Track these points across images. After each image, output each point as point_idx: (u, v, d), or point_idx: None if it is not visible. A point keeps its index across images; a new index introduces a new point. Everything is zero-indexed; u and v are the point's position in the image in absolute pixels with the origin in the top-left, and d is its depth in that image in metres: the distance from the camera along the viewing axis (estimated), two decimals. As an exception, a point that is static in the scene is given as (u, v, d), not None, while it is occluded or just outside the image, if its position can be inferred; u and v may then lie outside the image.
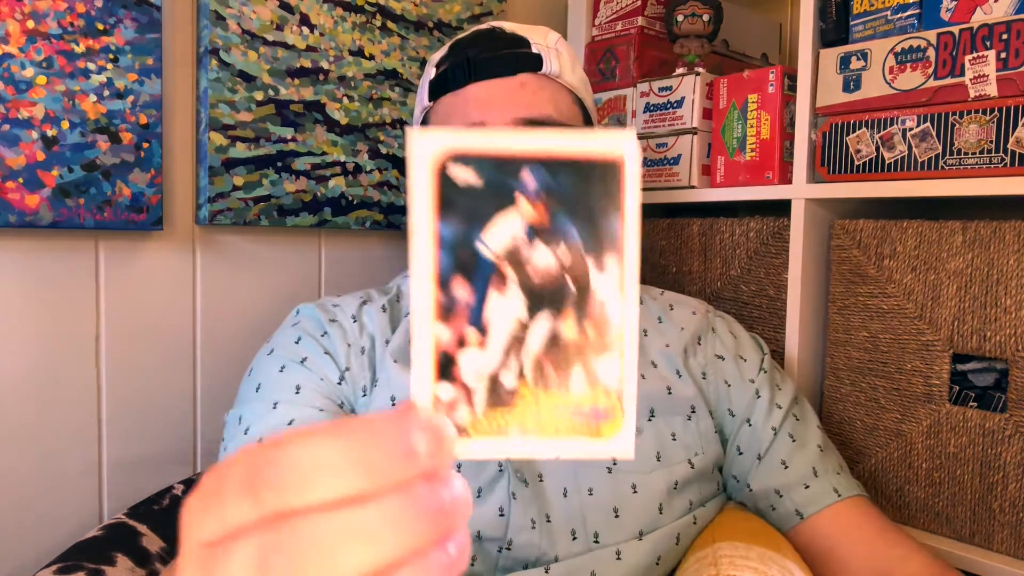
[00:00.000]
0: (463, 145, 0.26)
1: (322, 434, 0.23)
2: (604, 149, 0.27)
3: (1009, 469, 0.79)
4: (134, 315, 0.93)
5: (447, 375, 0.27)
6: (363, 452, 0.23)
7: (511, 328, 0.27)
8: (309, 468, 0.23)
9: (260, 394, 0.71)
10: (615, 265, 0.28)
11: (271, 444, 0.24)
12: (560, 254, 0.27)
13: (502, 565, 0.66)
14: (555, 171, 0.27)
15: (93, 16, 0.85)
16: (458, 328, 0.27)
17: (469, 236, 0.27)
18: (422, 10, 1.12)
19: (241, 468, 0.23)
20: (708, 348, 0.82)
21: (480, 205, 0.27)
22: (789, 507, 0.75)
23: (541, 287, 0.28)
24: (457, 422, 0.27)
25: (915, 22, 0.87)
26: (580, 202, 0.27)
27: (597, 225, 0.27)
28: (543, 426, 0.27)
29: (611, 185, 0.27)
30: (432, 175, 0.26)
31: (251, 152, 0.97)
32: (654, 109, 1.11)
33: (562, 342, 0.28)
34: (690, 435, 0.76)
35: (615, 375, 0.28)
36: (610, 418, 0.27)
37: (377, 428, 0.24)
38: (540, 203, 0.27)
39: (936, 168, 0.84)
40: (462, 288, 0.27)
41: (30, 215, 0.82)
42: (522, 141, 0.27)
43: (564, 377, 0.28)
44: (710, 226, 1.08)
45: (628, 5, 1.17)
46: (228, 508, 0.23)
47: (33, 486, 0.87)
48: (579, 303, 0.28)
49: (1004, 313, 0.79)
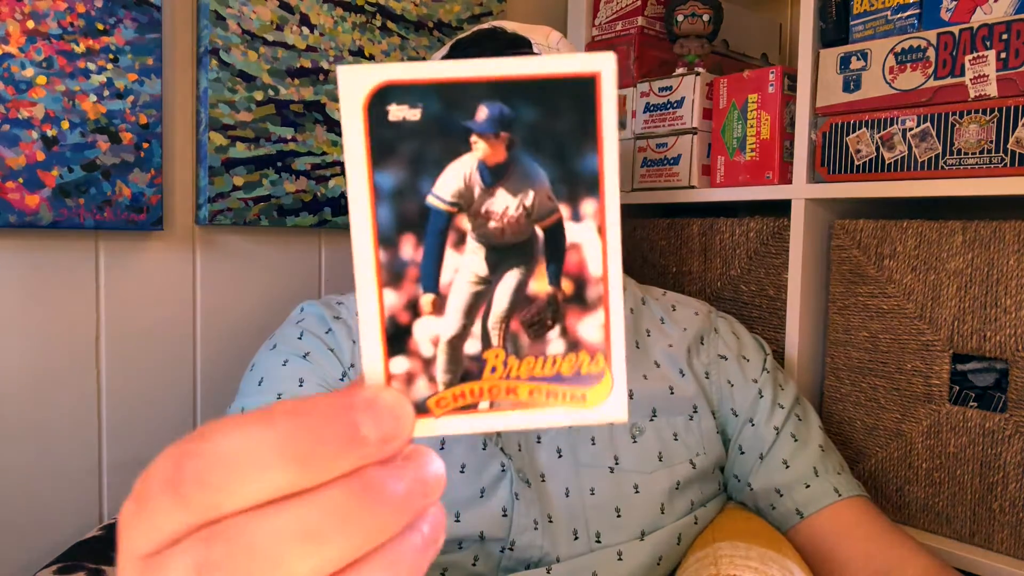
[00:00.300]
0: (400, 75, 0.22)
1: (252, 422, 0.20)
2: (574, 68, 0.23)
3: (1009, 469, 0.80)
4: (134, 315, 0.93)
5: (400, 347, 0.23)
6: (299, 440, 0.20)
7: (471, 288, 0.24)
8: (237, 462, 0.20)
9: (263, 387, 0.70)
10: (593, 208, 0.23)
11: (196, 436, 0.21)
12: (525, 199, 0.24)
13: (504, 565, 0.66)
14: (514, 101, 0.23)
15: (93, 16, 0.85)
16: (408, 293, 0.23)
17: (414, 185, 0.23)
18: (422, 10, 1.12)
19: (166, 466, 0.21)
20: (711, 348, 0.82)
21: (425, 147, 0.23)
22: (789, 506, 0.75)
23: (504, 239, 0.24)
24: (416, 398, 0.23)
25: (915, 22, 0.87)
26: (546, 136, 0.23)
27: (568, 162, 0.23)
28: (518, 396, 0.24)
29: (584, 112, 0.23)
30: (364, 114, 0.22)
31: (251, 152, 0.97)
32: (654, 109, 1.11)
33: (534, 299, 0.24)
34: (692, 435, 0.76)
35: (599, 333, 0.24)
36: (597, 381, 0.24)
37: (316, 411, 0.21)
38: (498, 140, 0.23)
39: (936, 168, 0.84)
40: (410, 247, 0.23)
41: (30, 215, 0.82)
42: (472, 67, 0.22)
43: (539, 339, 0.24)
44: (710, 226, 1.08)
45: (628, 5, 1.17)
46: (158, 515, 0.20)
47: (33, 486, 0.87)
48: (551, 254, 0.24)
49: (1004, 313, 0.79)
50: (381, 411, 0.21)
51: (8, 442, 0.86)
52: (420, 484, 0.22)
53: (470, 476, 0.67)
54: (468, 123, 0.23)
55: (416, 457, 0.22)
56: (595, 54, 0.22)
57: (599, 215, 0.23)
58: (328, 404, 0.21)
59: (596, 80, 0.23)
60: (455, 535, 0.65)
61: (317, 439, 0.20)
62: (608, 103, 0.23)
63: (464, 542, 0.66)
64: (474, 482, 0.67)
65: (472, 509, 0.66)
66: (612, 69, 0.22)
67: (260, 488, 0.20)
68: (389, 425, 0.21)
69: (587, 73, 0.23)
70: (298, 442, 0.20)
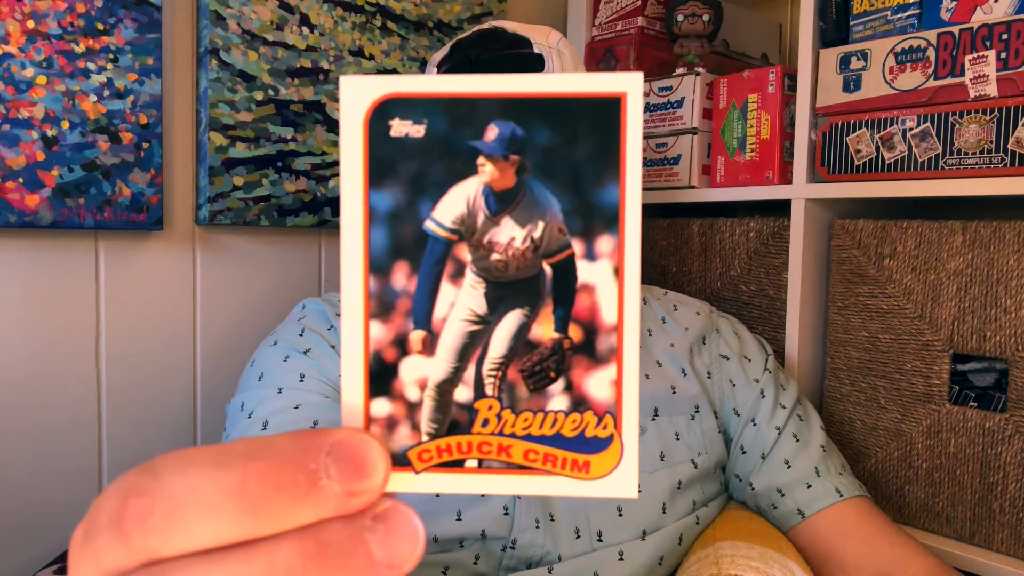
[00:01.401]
0: (405, 88, 0.20)
1: (205, 461, 0.19)
2: (597, 88, 0.20)
3: (1009, 469, 0.80)
4: (134, 315, 0.93)
5: (383, 387, 0.21)
6: (251, 485, 0.18)
7: (467, 327, 0.21)
8: (183, 505, 0.18)
9: (263, 382, 0.70)
10: (610, 246, 0.21)
11: (148, 469, 0.19)
12: (534, 231, 0.21)
13: (506, 564, 0.66)
14: (528, 121, 0.20)
15: (93, 16, 0.85)
16: (397, 327, 0.21)
17: (413, 207, 0.21)
18: (422, 10, 1.12)
19: (113, 501, 0.19)
20: (713, 348, 0.82)
21: (428, 167, 0.21)
22: (791, 506, 0.75)
23: (508, 274, 0.21)
24: (395, 447, 0.21)
25: (915, 22, 0.87)
26: (562, 161, 0.21)
27: (585, 192, 0.21)
28: (511, 457, 0.21)
29: (606, 137, 0.20)
30: (364, 128, 0.20)
31: (251, 152, 0.97)
32: (654, 109, 1.11)
33: (537, 346, 0.21)
34: (694, 435, 0.76)
35: (609, 391, 0.21)
36: (603, 448, 0.21)
37: (276, 454, 0.18)
38: (507, 164, 0.21)
39: (936, 168, 0.84)
40: (403, 275, 0.21)
41: (30, 215, 0.82)
42: (483, 82, 0.20)
43: (539, 392, 0.21)
44: (710, 226, 1.08)
45: (628, 5, 1.18)
46: (101, 551, 0.19)
47: (33, 486, 0.87)
48: (560, 295, 0.21)
49: (1004, 313, 0.79)
50: (348, 459, 0.19)
51: (8, 442, 0.85)
52: (386, 552, 0.19)
53: None
54: (475, 143, 0.21)
55: (389, 518, 0.19)
56: (621, 74, 0.20)
57: (617, 254, 0.21)
58: (291, 446, 0.19)
59: (621, 102, 0.20)
60: (457, 534, 0.65)
61: (273, 486, 0.18)
62: (634, 128, 0.20)
63: (465, 540, 0.66)
64: None
65: (473, 507, 0.66)
66: (639, 90, 0.20)
67: (205, 534, 0.18)
68: (355, 476, 0.19)
69: (611, 94, 0.20)
70: (250, 488, 0.18)
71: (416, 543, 0.19)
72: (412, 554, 0.19)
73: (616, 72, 0.20)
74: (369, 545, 0.19)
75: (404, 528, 0.19)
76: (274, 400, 0.67)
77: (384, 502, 0.20)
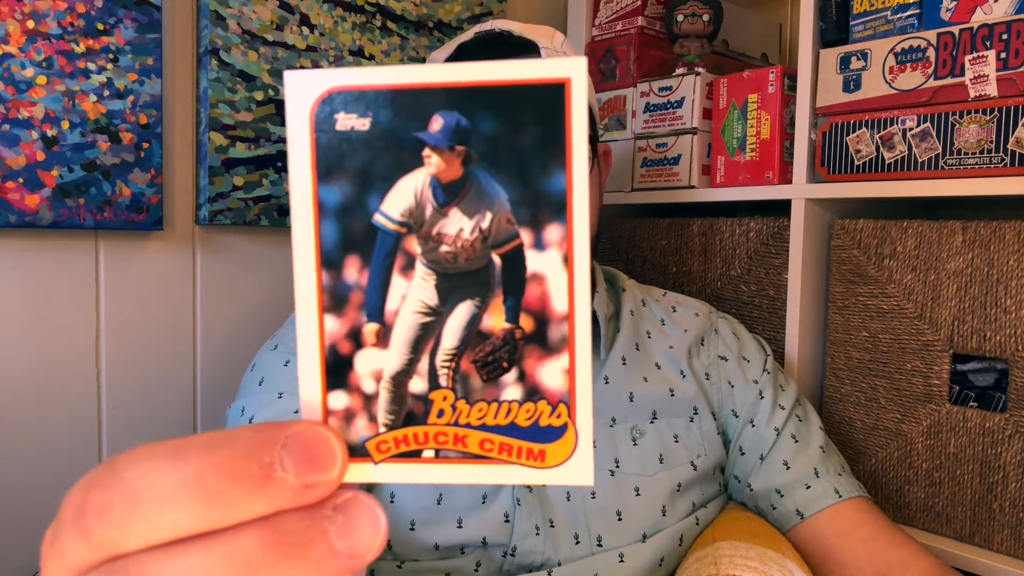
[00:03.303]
0: (349, 81, 0.20)
1: (163, 455, 0.19)
2: (540, 74, 0.20)
3: (1009, 469, 0.80)
4: (134, 315, 0.93)
5: (340, 380, 0.21)
6: (207, 477, 0.18)
7: (419, 319, 0.22)
8: (141, 498, 0.18)
9: (263, 387, 0.70)
10: (559, 234, 0.21)
11: (109, 465, 0.19)
12: (482, 222, 0.21)
13: (506, 570, 0.66)
14: (472, 110, 0.20)
15: (93, 16, 0.85)
16: (351, 320, 0.21)
17: (361, 201, 0.21)
18: (422, 10, 1.12)
19: (76, 497, 0.19)
20: (711, 349, 0.82)
21: (375, 160, 0.21)
22: (790, 507, 0.75)
23: (457, 266, 0.21)
24: (354, 439, 0.21)
25: (915, 22, 0.87)
26: (507, 150, 0.20)
27: (532, 181, 0.21)
28: (467, 447, 0.21)
29: (551, 125, 0.20)
30: (310, 122, 0.21)
31: (251, 152, 0.97)
32: (654, 109, 1.11)
33: (488, 336, 0.21)
34: (693, 437, 0.76)
35: (562, 380, 0.21)
36: (558, 437, 0.21)
37: (232, 446, 0.19)
38: (453, 154, 0.21)
39: (936, 168, 0.84)
40: (355, 269, 0.21)
41: (30, 215, 0.82)
42: (426, 73, 0.20)
43: (493, 382, 0.21)
44: (710, 226, 1.08)
45: (628, 5, 1.17)
46: (65, 547, 0.19)
47: (33, 486, 0.87)
48: (509, 285, 0.21)
49: (1004, 313, 0.79)
50: (303, 451, 0.19)
51: (8, 442, 0.86)
52: (346, 542, 0.19)
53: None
54: (420, 134, 0.20)
55: (350, 508, 0.19)
56: (564, 59, 0.20)
57: (566, 243, 0.21)
58: (248, 439, 0.19)
59: (565, 88, 0.20)
60: (458, 541, 0.65)
61: (229, 477, 0.18)
62: (578, 114, 0.20)
63: (467, 547, 0.66)
64: (476, 488, 0.67)
65: (474, 515, 0.66)
66: (583, 76, 0.20)
67: (163, 526, 0.18)
68: (310, 468, 0.19)
69: (555, 80, 0.20)
70: (205, 480, 0.18)
71: (377, 532, 0.19)
72: (373, 543, 0.19)
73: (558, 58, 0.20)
74: (329, 535, 0.19)
75: (364, 518, 0.19)
76: (275, 405, 0.67)
77: (344, 493, 0.20)
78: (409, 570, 0.65)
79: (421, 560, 0.65)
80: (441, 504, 0.65)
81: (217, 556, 0.18)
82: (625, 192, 1.16)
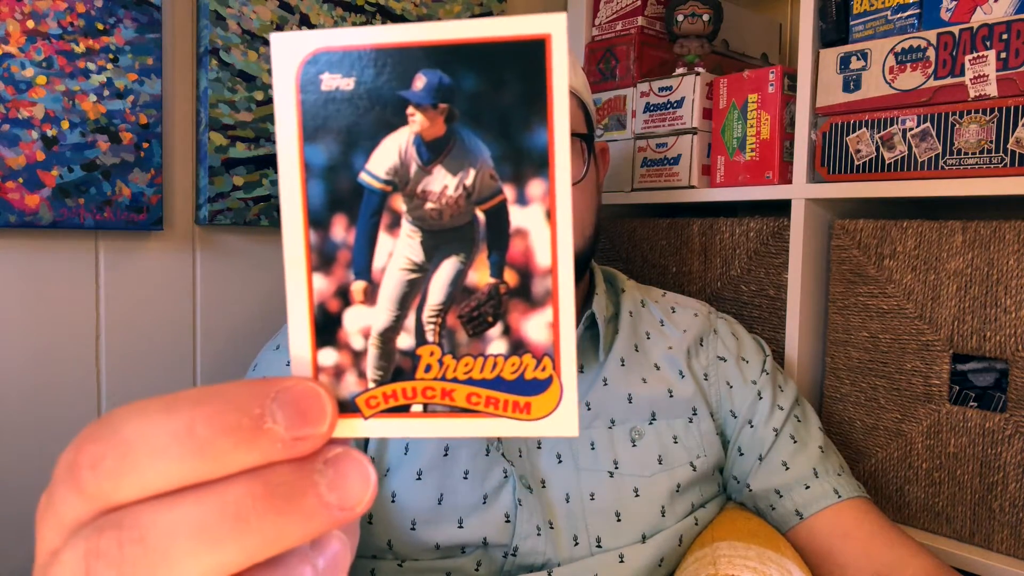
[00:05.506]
0: (333, 41, 0.21)
1: (154, 407, 0.19)
2: (521, 31, 0.20)
3: (1009, 469, 0.79)
4: (134, 315, 0.93)
5: (329, 338, 0.22)
6: (198, 428, 0.19)
7: (405, 276, 0.22)
8: (132, 448, 0.19)
9: None
10: (541, 190, 0.21)
11: (101, 419, 0.20)
12: (466, 179, 0.21)
13: (507, 570, 0.67)
14: (454, 68, 0.20)
15: (93, 16, 0.85)
16: (339, 278, 0.22)
17: (347, 160, 0.21)
18: (422, 10, 1.12)
19: (69, 452, 0.19)
20: (710, 350, 0.82)
21: (359, 120, 0.21)
22: (789, 507, 0.75)
23: (442, 222, 0.22)
24: (344, 394, 0.22)
25: (915, 22, 0.87)
26: (490, 107, 0.21)
27: (514, 138, 0.21)
28: (455, 400, 0.22)
29: (532, 81, 0.20)
30: (296, 83, 0.21)
31: (251, 152, 0.97)
32: (654, 109, 1.11)
33: (473, 292, 0.22)
34: (692, 438, 0.76)
35: (546, 333, 0.21)
36: (543, 389, 0.21)
37: (222, 399, 0.19)
38: (436, 112, 0.21)
39: (936, 168, 0.84)
40: (342, 228, 0.21)
41: (30, 215, 0.82)
42: (408, 31, 0.20)
43: (478, 337, 0.22)
44: (710, 226, 1.08)
45: (628, 5, 1.17)
46: (60, 504, 0.19)
47: (33, 486, 0.87)
48: (493, 241, 0.21)
49: (1004, 313, 0.79)
50: (294, 404, 0.19)
51: (8, 441, 0.86)
52: (336, 494, 0.19)
53: (473, 482, 0.67)
54: (404, 93, 0.21)
55: (340, 462, 0.20)
56: (544, 15, 0.20)
57: (548, 198, 0.21)
58: (239, 392, 0.19)
59: (546, 44, 0.20)
60: (459, 541, 0.65)
61: (219, 428, 0.19)
62: (559, 70, 0.20)
63: (467, 547, 0.66)
64: (477, 488, 0.67)
65: (475, 515, 0.66)
66: (563, 31, 0.20)
67: (156, 477, 0.19)
68: (300, 421, 0.19)
69: (535, 36, 0.20)
70: (196, 430, 0.19)
71: (367, 486, 0.20)
72: (363, 496, 0.19)
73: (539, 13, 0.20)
74: (319, 487, 0.19)
75: (354, 472, 0.20)
76: None
77: (335, 448, 0.20)
78: (410, 570, 0.65)
79: (422, 560, 0.65)
80: (442, 504, 0.66)
81: (209, 506, 0.18)
82: (625, 192, 1.16)
